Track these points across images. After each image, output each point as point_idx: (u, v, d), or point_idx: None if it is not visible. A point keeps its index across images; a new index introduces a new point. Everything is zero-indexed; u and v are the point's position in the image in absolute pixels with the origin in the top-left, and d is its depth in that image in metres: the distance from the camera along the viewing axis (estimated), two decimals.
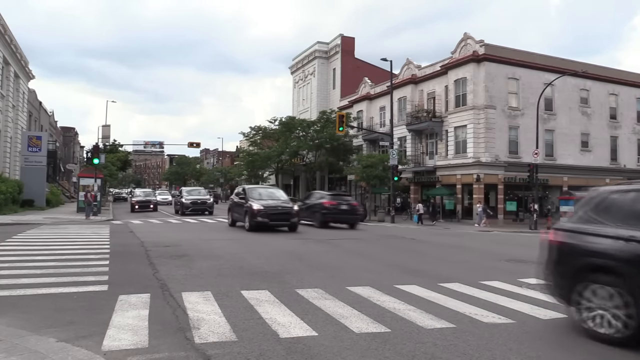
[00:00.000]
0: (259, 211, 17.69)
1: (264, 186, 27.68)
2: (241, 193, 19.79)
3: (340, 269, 9.74)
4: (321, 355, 4.49)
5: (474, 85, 32.53)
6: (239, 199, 19.68)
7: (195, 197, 31.57)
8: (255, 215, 17.62)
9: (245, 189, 20.02)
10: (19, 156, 32.76)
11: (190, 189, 36.19)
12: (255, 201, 18.27)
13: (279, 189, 25.77)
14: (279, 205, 18.41)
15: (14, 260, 9.65)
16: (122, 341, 4.69)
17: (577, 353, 4.85)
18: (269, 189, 22.15)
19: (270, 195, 19.53)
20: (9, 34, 29.77)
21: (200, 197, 31.73)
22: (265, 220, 17.59)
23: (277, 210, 18.11)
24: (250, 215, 17.83)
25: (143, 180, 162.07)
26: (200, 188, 39.96)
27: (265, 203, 18.15)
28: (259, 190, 20.45)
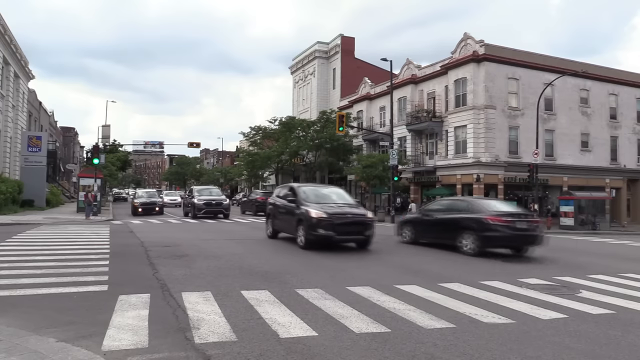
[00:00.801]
0: (320, 220, 12.20)
1: (318, 185, 18.37)
2: (290, 194, 14.30)
3: (340, 269, 9.74)
4: (321, 355, 4.49)
5: (474, 85, 32.53)
6: (286, 202, 14.21)
7: (208, 197, 27.43)
8: (315, 226, 12.21)
9: (295, 188, 14.33)
10: (19, 156, 32.76)
11: (202, 187, 30.89)
12: (312, 205, 12.78)
13: (339, 188, 17.77)
14: (348, 213, 12.79)
15: (14, 260, 9.65)
16: (122, 341, 4.69)
17: (576, 353, 4.85)
18: (327, 188, 15.88)
19: (331, 198, 13.93)
20: (9, 33, 29.77)
21: (215, 198, 27.65)
22: (329, 233, 12.17)
23: (347, 219, 12.61)
24: (307, 225, 12.45)
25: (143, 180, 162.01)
26: (213, 187, 34.41)
27: (328, 209, 12.55)
28: (316, 190, 14.57)
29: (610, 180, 37.10)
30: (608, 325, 5.93)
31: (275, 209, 15.20)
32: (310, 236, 12.43)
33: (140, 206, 30.35)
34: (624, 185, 38.00)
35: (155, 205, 31.14)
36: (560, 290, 8.05)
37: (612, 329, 5.76)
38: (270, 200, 16.18)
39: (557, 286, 8.45)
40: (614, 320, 6.16)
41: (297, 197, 13.58)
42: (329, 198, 13.85)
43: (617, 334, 5.53)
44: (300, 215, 12.88)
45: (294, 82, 62.78)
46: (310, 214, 12.45)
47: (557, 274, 9.78)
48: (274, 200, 15.61)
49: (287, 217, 13.96)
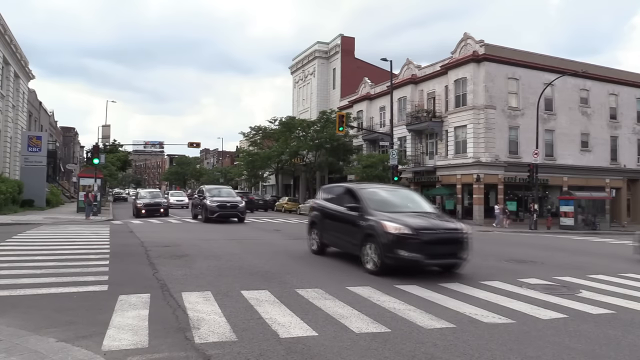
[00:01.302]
0: (401, 237, 8.76)
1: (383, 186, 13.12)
2: (348, 198, 10.81)
3: (340, 269, 9.74)
4: (321, 355, 4.49)
5: (474, 85, 32.53)
6: (342, 209, 10.63)
7: (222, 198, 24.15)
8: (395, 244, 8.73)
9: (357, 190, 10.76)
10: (19, 156, 32.76)
11: (214, 187, 27.35)
12: (385, 215, 9.41)
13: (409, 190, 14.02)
14: (439, 227, 9.29)
15: (14, 260, 9.65)
16: (122, 341, 4.69)
17: (576, 352, 4.85)
18: (397, 191, 11.97)
19: (405, 204, 10.54)
20: (9, 33, 29.77)
21: (230, 199, 24.21)
22: (415, 255, 8.65)
23: (438, 235, 9.05)
24: (381, 244, 8.93)
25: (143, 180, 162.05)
26: (226, 186, 31.02)
27: (411, 221, 9.06)
28: (385, 194, 11.02)
29: (610, 180, 37.10)
30: (608, 325, 5.93)
31: (324, 217, 11.58)
32: (387, 259, 8.81)
33: (144, 207, 27.92)
34: (624, 185, 38.00)
35: (159, 207, 28.62)
36: (560, 290, 8.05)
37: (612, 329, 5.76)
38: (315, 203, 12.58)
39: (557, 286, 8.45)
40: (614, 320, 6.16)
41: (362, 204, 10.05)
42: (403, 205, 10.45)
43: (617, 334, 5.53)
44: (369, 228, 9.40)
45: (294, 82, 62.78)
46: (385, 227, 8.97)
47: (557, 274, 9.78)
48: (320, 205, 12.05)
49: (345, 229, 10.48)
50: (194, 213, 26.41)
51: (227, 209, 23.48)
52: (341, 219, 10.69)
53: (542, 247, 16.44)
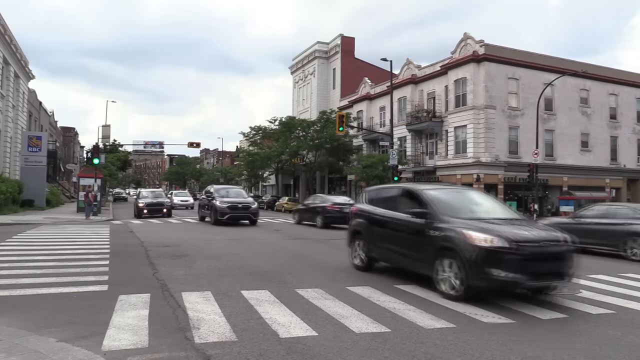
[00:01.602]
0: (494, 252, 6.77)
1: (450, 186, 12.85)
2: (406, 200, 8.73)
3: (340, 268, 9.74)
4: (321, 355, 4.49)
5: (474, 85, 32.53)
6: (401, 215, 8.54)
7: (233, 199, 22.46)
8: (487, 262, 6.75)
9: (419, 192, 8.55)
10: (19, 156, 32.76)
11: (222, 187, 25.64)
12: (465, 223, 7.41)
13: None
14: (542, 238, 7.20)
15: (14, 260, 9.65)
16: (122, 341, 4.69)
17: (576, 352, 4.85)
18: (467, 192, 9.47)
19: (482, 208, 8.49)
20: (9, 33, 29.77)
21: (241, 200, 22.53)
22: (515, 276, 6.69)
23: (541, 248, 7.07)
24: (466, 261, 6.91)
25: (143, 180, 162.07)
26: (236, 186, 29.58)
27: (503, 231, 7.07)
28: (455, 195, 8.94)
29: (610, 180, 37.11)
30: (608, 325, 5.93)
31: (373, 226, 9.26)
32: (476, 280, 6.74)
33: (146, 207, 27.16)
34: (624, 185, 38.00)
35: (162, 207, 27.82)
36: (560, 290, 8.04)
37: (612, 329, 5.76)
38: (357, 209, 10.19)
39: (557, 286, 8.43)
40: (614, 320, 6.16)
41: (430, 208, 7.80)
42: (481, 209, 8.26)
43: (617, 334, 5.53)
44: (445, 240, 7.22)
45: (294, 82, 62.78)
46: (470, 238, 6.87)
47: None
48: (366, 211, 9.67)
49: (405, 240, 8.23)
50: (201, 215, 24.77)
51: (239, 210, 21.82)
52: (399, 228, 8.44)
53: None
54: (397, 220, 8.57)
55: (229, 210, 21.53)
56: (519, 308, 6.59)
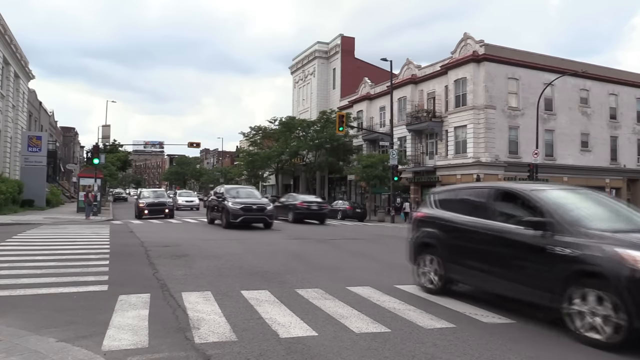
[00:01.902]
0: None
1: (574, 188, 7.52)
2: (511, 205, 6.71)
3: (340, 269, 9.74)
4: (321, 355, 4.49)
5: (474, 85, 32.54)
6: (509, 227, 6.27)
7: (247, 199, 20.51)
8: None
9: (537, 196, 6.27)
10: (19, 156, 32.76)
11: (234, 187, 23.81)
12: (624, 240, 5.14)
13: None
14: None
15: (14, 260, 9.65)
16: (122, 341, 4.69)
17: (577, 353, 4.85)
18: (594, 195, 6.91)
19: (619, 213, 6.49)
20: (9, 33, 29.77)
21: (256, 201, 20.54)
22: None
23: None
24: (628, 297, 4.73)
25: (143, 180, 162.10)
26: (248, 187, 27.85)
27: None
28: (584, 201, 6.65)
29: (610, 180, 37.11)
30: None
31: (454, 238, 7.22)
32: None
33: (147, 207, 26.32)
34: (624, 185, 38.01)
35: (164, 207, 26.96)
36: None
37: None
38: (425, 214, 8.05)
39: None
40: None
41: (551, 216, 5.78)
42: (615, 217, 6.28)
43: None
44: (583, 262, 5.24)
45: (294, 82, 62.79)
46: (630, 260, 4.83)
47: None
48: (441, 217, 7.59)
49: (509, 259, 6.19)
50: (210, 217, 22.83)
51: (253, 212, 19.83)
52: (499, 242, 6.31)
53: None
54: (495, 231, 6.39)
55: (243, 213, 19.56)
56: (519, 308, 6.58)
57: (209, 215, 23.32)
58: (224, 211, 20.20)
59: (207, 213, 23.81)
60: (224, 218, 20.14)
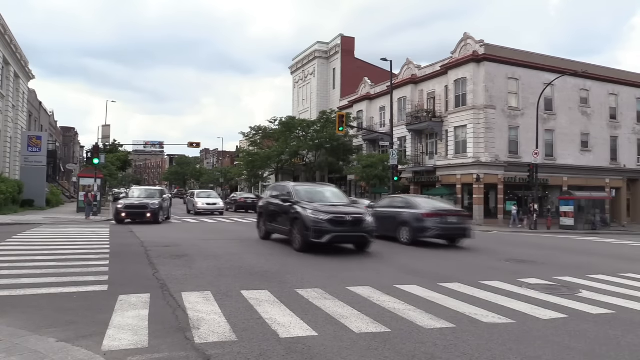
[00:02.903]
0: None
1: None
2: None
3: (340, 269, 9.74)
4: (321, 355, 4.49)
5: (474, 85, 32.53)
6: None
7: (333, 206, 12.94)
8: None
9: None
10: (19, 156, 32.77)
11: (306, 186, 15.06)
12: None
13: None
14: None
15: (14, 260, 9.65)
16: (122, 341, 4.69)
17: (576, 352, 4.85)
18: None
19: None
20: (9, 33, 29.77)
21: (348, 210, 12.88)
22: None
23: None
24: None
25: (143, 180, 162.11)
26: (327, 184, 17.27)
27: None
28: None
29: (610, 180, 37.11)
30: (608, 325, 5.93)
31: None
32: None
33: (124, 210, 21.55)
34: (624, 185, 38.01)
35: (146, 210, 21.67)
36: (560, 290, 8.05)
37: (612, 329, 5.76)
38: None
39: (557, 286, 8.45)
40: (614, 320, 6.17)
41: None
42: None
43: (617, 334, 5.53)
44: None
45: (294, 82, 62.79)
46: None
47: (557, 274, 9.78)
48: None
49: None
50: (265, 229, 15.14)
51: (347, 226, 12.30)
52: None
53: (542, 247, 16.45)
54: None
55: (332, 227, 12.04)
56: (519, 308, 6.59)
57: (263, 226, 15.37)
58: (296, 223, 12.74)
59: (260, 224, 15.67)
60: (296, 234, 12.67)
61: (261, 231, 15.49)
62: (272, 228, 14.68)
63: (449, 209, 16.36)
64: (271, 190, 16.01)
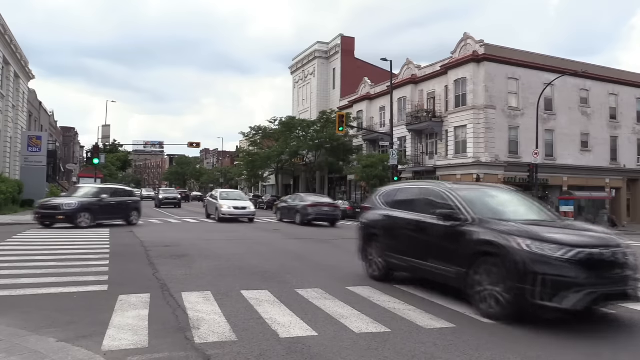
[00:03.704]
0: None
1: None
2: None
3: (340, 269, 9.75)
4: (321, 355, 4.49)
5: (474, 85, 32.54)
6: None
7: (549, 226, 6.70)
8: None
9: None
10: (19, 156, 32.76)
11: (478, 192, 7.93)
12: None
13: None
14: None
15: (14, 260, 9.65)
16: (122, 341, 4.69)
17: (577, 353, 4.85)
18: None
19: None
20: (9, 33, 29.77)
21: (600, 239, 6.09)
22: None
23: None
24: None
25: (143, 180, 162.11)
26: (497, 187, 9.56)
27: None
28: None
29: (610, 180, 37.11)
30: (608, 325, 5.93)
31: None
32: None
33: (39, 210, 18.20)
34: (624, 185, 38.01)
35: (56, 211, 17.70)
36: None
37: (612, 329, 5.76)
38: None
39: None
40: (615, 321, 6.17)
41: None
42: None
43: (618, 334, 5.53)
44: None
45: (294, 82, 62.80)
46: None
47: None
48: None
49: None
50: (383, 264, 8.41)
51: (609, 273, 5.79)
52: None
53: None
54: None
55: (585, 277, 5.55)
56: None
57: (379, 256, 8.57)
58: (485, 264, 6.30)
59: (371, 250, 8.87)
60: (487, 285, 6.17)
61: (375, 265, 8.58)
62: (405, 263, 7.92)
63: (325, 201, 25.51)
64: (385, 195, 9.03)
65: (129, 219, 20.31)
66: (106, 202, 19.42)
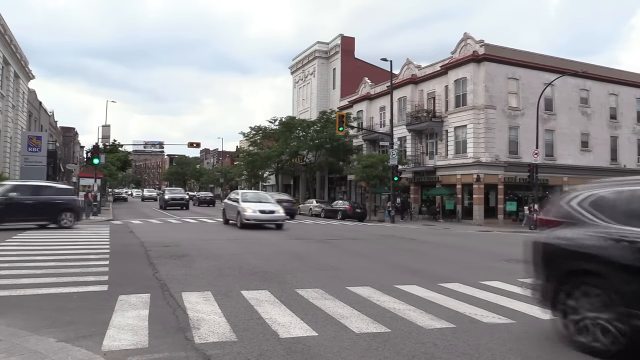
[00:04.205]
0: None
1: None
2: None
3: (340, 269, 9.74)
4: (321, 355, 4.49)
5: (474, 85, 32.54)
6: None
7: None
8: None
9: None
10: (19, 156, 32.74)
11: None
12: None
13: None
14: None
15: (14, 260, 9.64)
16: (122, 341, 4.69)
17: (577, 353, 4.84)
18: None
19: None
20: (9, 33, 29.77)
21: None
22: None
23: None
24: None
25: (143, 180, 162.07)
26: None
27: None
28: None
29: None
30: None
31: None
32: None
33: None
34: None
35: None
36: None
37: None
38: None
39: None
40: None
41: None
42: None
43: None
44: None
45: (294, 82, 62.79)
46: None
47: None
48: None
49: None
50: None
51: None
52: None
53: None
54: None
55: None
56: (519, 308, 6.59)
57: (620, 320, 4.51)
58: None
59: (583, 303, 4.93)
60: None
61: (597, 330, 4.70)
62: None
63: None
64: (604, 202, 5.42)
65: (58, 220, 17.97)
66: (16, 201, 16.92)
